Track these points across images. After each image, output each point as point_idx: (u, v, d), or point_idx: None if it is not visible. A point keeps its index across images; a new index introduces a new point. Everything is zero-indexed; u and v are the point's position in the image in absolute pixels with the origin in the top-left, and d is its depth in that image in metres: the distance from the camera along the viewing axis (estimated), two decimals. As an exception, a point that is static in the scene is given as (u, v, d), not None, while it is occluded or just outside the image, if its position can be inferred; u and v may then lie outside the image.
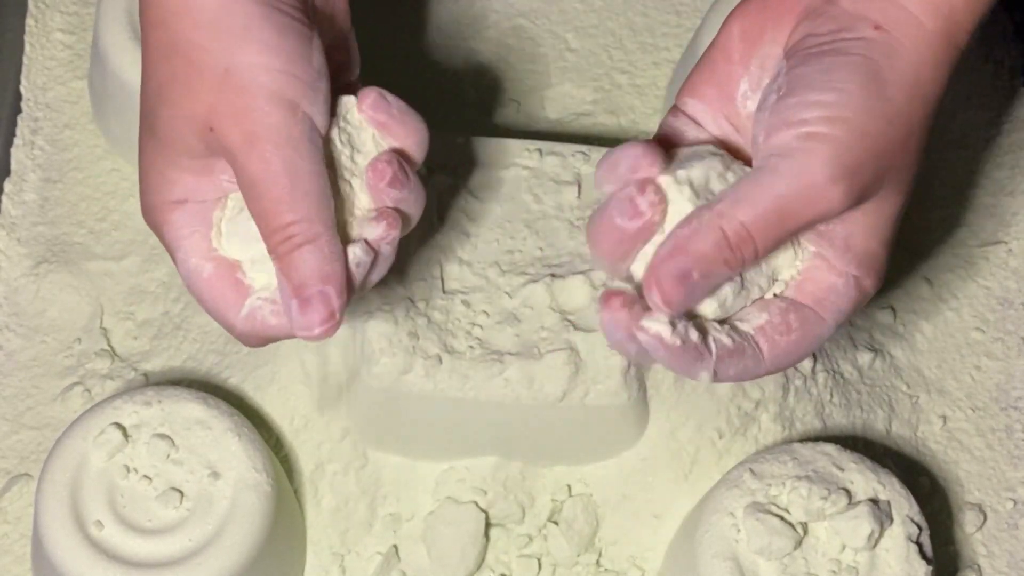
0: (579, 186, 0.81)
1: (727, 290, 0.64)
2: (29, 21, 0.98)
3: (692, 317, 0.64)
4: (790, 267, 0.66)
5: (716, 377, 0.64)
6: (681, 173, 0.64)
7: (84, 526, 0.74)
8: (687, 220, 0.62)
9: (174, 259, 0.69)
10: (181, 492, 0.75)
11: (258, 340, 0.68)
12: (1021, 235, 0.94)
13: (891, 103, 0.62)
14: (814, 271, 0.65)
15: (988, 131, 0.97)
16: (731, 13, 0.68)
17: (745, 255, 0.62)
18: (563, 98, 0.97)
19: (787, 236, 0.63)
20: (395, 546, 0.81)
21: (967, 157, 0.97)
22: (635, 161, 0.64)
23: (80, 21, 0.98)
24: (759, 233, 0.62)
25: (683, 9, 1.00)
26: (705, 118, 0.68)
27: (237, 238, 0.68)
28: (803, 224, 0.62)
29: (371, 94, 0.68)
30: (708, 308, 0.65)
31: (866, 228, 0.64)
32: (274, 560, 0.77)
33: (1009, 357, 0.90)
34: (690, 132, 0.68)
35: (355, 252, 0.66)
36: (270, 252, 0.65)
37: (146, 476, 0.75)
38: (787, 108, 0.63)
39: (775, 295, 0.66)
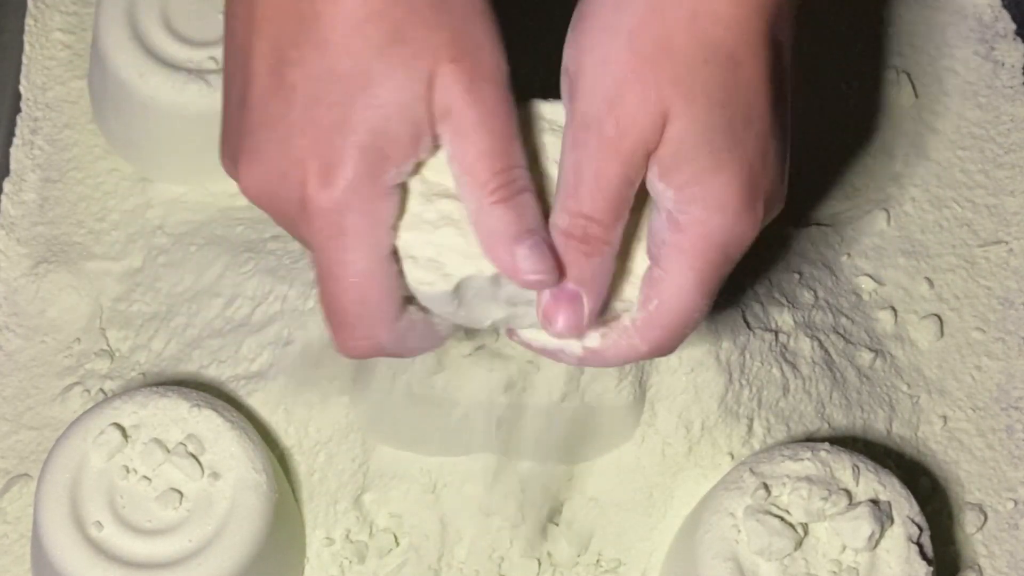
0: None
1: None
2: (28, 21, 0.98)
3: None
4: None
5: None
6: None
7: (84, 526, 0.74)
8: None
9: (351, 253, 0.62)
10: (181, 493, 0.75)
11: (385, 351, 0.65)
12: (1022, 235, 0.94)
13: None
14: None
15: (988, 131, 0.97)
16: None
17: (599, 234, 0.62)
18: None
19: (620, 186, 0.61)
20: (396, 542, 0.81)
21: (967, 157, 0.97)
22: None
23: (80, 21, 0.98)
24: (591, 208, 0.61)
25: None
26: None
27: (425, 227, 0.63)
28: (627, 170, 0.61)
29: None
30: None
31: (675, 145, 0.61)
32: (274, 560, 0.77)
33: (1010, 357, 0.90)
34: None
35: None
36: (488, 196, 0.61)
37: (145, 477, 0.75)
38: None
39: None
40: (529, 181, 0.62)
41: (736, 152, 0.61)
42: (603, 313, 0.65)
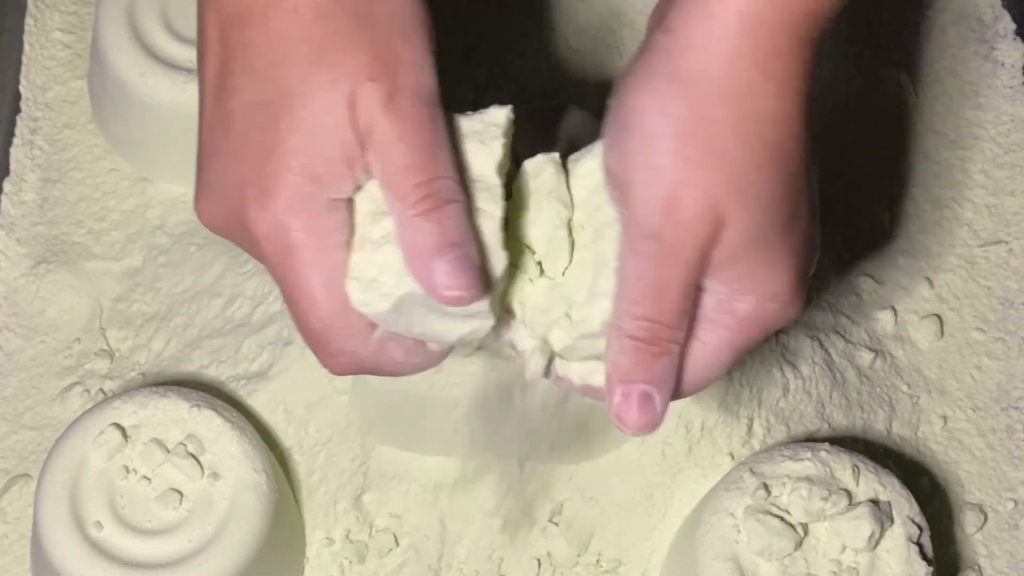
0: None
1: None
2: (28, 21, 0.98)
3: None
4: None
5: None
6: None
7: (83, 527, 0.74)
8: (608, 345, 0.63)
9: (301, 274, 0.62)
10: (180, 493, 0.75)
11: (369, 369, 0.65)
12: (1022, 235, 0.94)
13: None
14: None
15: (988, 131, 0.97)
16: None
17: (666, 336, 0.62)
18: (563, 98, 0.97)
19: (684, 291, 0.61)
20: (396, 542, 0.81)
21: (967, 157, 0.97)
22: None
23: (79, 20, 0.98)
24: (657, 313, 0.61)
25: (683, 9, 1.00)
26: None
27: (369, 247, 0.63)
28: (689, 275, 0.61)
29: None
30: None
31: (730, 249, 0.61)
32: (274, 560, 0.77)
33: (1010, 357, 0.90)
34: None
35: None
36: (410, 208, 0.60)
37: (145, 477, 0.75)
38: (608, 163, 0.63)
39: None
40: (458, 193, 0.62)
41: (786, 245, 0.62)
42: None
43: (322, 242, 0.61)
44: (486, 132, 0.64)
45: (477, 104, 0.96)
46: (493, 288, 0.62)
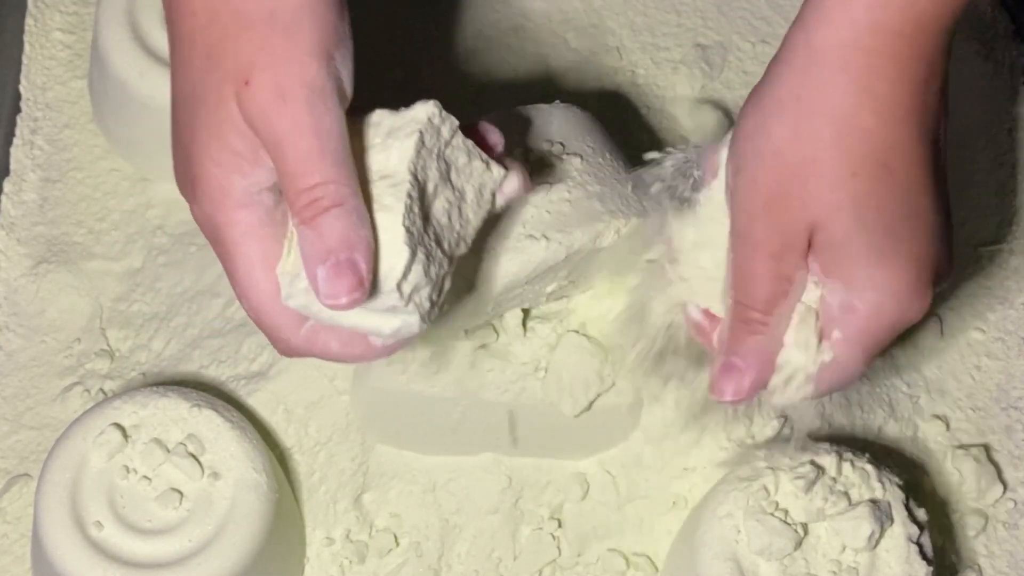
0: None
1: None
2: (28, 21, 0.98)
3: None
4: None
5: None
6: None
7: (84, 526, 0.74)
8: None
9: (231, 264, 0.65)
10: (181, 493, 0.75)
11: (305, 355, 0.67)
12: (1021, 235, 0.94)
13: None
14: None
15: (988, 131, 0.97)
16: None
17: (755, 318, 0.68)
18: (562, 98, 0.97)
19: (769, 280, 0.67)
20: (396, 542, 0.81)
21: (967, 157, 0.97)
22: None
23: (80, 21, 0.98)
24: (746, 297, 0.68)
25: (683, 9, 1.00)
26: None
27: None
28: (771, 267, 0.67)
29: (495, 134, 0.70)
30: None
31: (831, 248, 0.67)
32: (274, 560, 0.77)
33: (1009, 357, 0.90)
34: None
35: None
36: (295, 215, 0.63)
37: (145, 477, 0.75)
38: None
39: None
40: (343, 195, 0.62)
41: (901, 247, 0.66)
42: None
43: (246, 233, 0.64)
44: (404, 128, 0.65)
45: (479, 105, 0.97)
46: (403, 281, 0.63)
